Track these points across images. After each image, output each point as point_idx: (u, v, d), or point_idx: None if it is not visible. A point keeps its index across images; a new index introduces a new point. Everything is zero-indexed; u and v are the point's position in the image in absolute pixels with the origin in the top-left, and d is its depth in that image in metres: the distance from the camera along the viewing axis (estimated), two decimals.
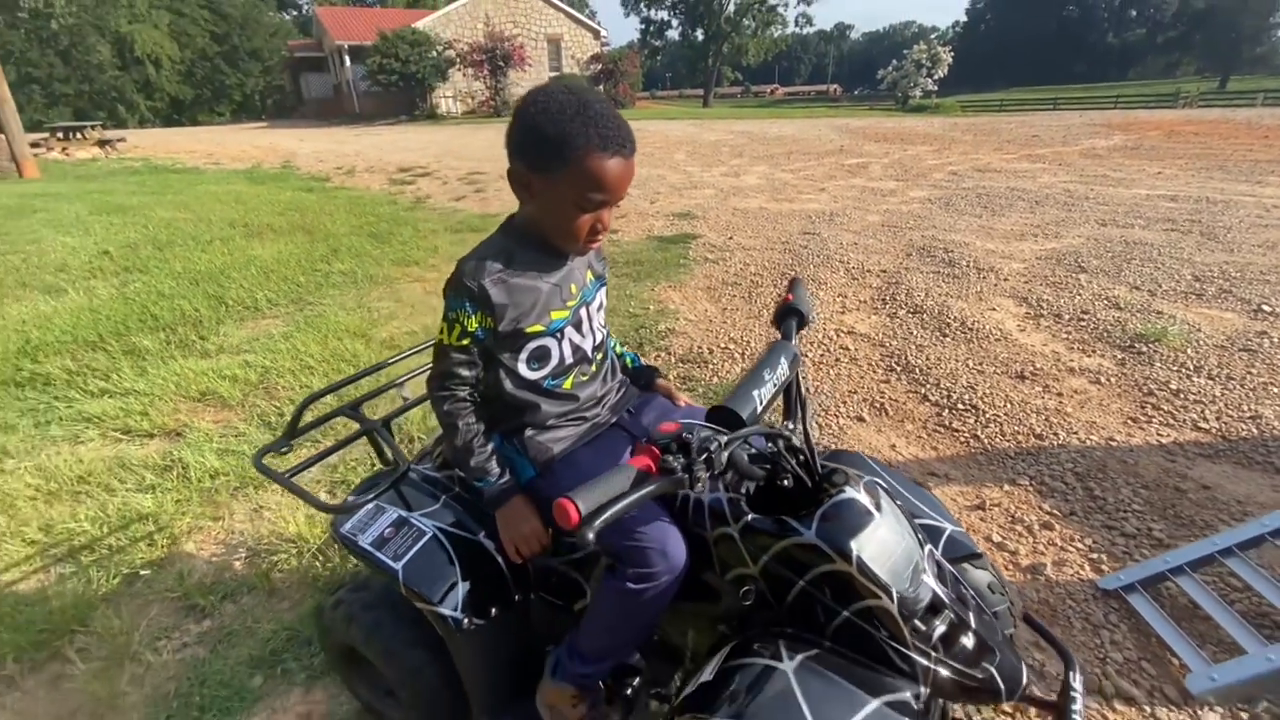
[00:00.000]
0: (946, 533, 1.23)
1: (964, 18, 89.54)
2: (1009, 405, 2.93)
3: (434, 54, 28.84)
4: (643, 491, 0.77)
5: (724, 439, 0.86)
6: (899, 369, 3.37)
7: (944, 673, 0.96)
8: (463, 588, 1.23)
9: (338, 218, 7.71)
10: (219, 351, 3.85)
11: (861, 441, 2.71)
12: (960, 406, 2.95)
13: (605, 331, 1.33)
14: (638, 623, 1.10)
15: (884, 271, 5.02)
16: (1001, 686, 0.98)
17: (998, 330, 3.77)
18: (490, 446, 1.20)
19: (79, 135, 18.52)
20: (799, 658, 0.95)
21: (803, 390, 1.17)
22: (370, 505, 1.33)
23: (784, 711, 0.88)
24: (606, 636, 1.13)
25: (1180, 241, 5.46)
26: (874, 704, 0.90)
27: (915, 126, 19.76)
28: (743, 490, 1.10)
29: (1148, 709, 1.53)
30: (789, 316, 1.26)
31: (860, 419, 2.91)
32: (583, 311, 1.23)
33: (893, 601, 0.94)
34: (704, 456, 0.82)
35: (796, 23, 54.07)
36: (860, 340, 3.76)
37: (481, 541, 1.31)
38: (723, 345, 3.74)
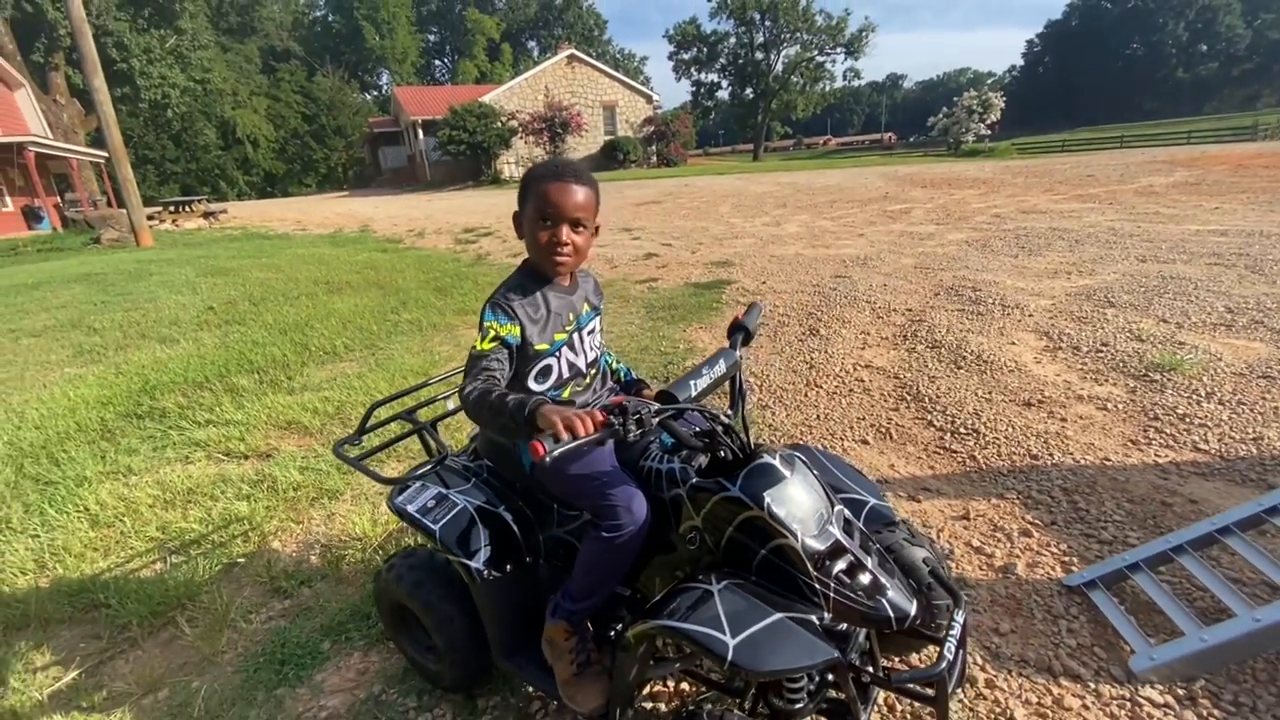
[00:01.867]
0: (869, 505, 1.50)
1: (1020, 61, 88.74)
2: (1010, 429, 3.09)
3: (499, 124, 31.06)
4: (589, 437, 1.10)
5: (654, 408, 1.20)
6: (909, 398, 3.57)
7: (842, 601, 1.23)
8: (486, 548, 1.58)
9: (407, 274, 8.50)
10: (303, 389, 4.42)
11: (861, 462, 2.92)
12: (962, 431, 3.12)
13: (599, 351, 1.68)
14: (611, 566, 1.41)
15: (909, 310, 5.21)
16: (890, 615, 1.23)
17: (1013, 362, 3.91)
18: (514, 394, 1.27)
19: (187, 208, 20.88)
20: (725, 583, 1.25)
21: (743, 386, 1.50)
22: (419, 484, 1.71)
23: (706, 615, 1.18)
24: (588, 577, 1.44)
25: (1221, 275, 5.42)
26: (777, 616, 1.18)
27: (965, 171, 19.75)
28: (695, 464, 1.42)
29: (1091, 685, 1.69)
30: (737, 331, 1.60)
31: (865, 442, 3.12)
32: (577, 336, 1.58)
33: (798, 541, 1.23)
34: (635, 417, 1.15)
35: (845, 77, 55.05)
36: (876, 373, 3.97)
37: (502, 514, 1.66)
38: (743, 378, 4.02)
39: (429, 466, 1.73)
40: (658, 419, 1.20)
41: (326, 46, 56.04)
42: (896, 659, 1.76)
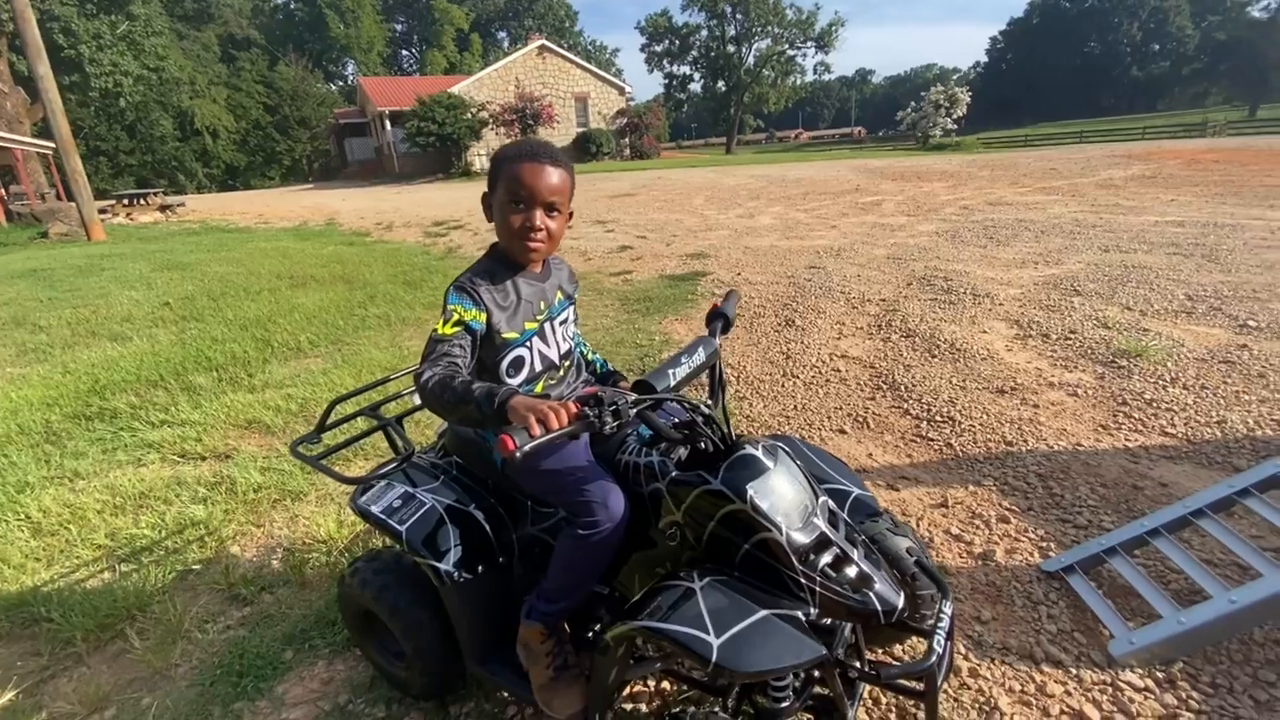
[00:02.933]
0: (853, 495, 1.46)
1: (984, 58, 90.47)
2: (985, 417, 3.10)
3: (468, 116, 30.51)
4: (562, 430, 1.04)
5: (631, 399, 1.13)
6: (885, 387, 3.57)
7: (829, 595, 1.18)
8: (456, 549, 1.50)
9: (375, 268, 8.28)
10: (264, 386, 4.25)
11: (840, 451, 2.90)
12: (938, 419, 3.13)
13: (572, 343, 1.61)
14: (588, 565, 1.35)
15: (883, 300, 5.23)
16: (878, 609, 1.19)
17: (985, 350, 3.94)
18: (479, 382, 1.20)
19: (142, 201, 20.08)
20: (707, 579, 1.19)
21: (723, 375, 1.44)
22: (384, 482, 1.62)
23: (688, 614, 1.12)
24: (564, 577, 1.37)
25: (1180, 264, 5.55)
26: (762, 613, 1.13)
27: (933, 164, 20.05)
28: (674, 457, 1.36)
29: (1073, 671, 1.68)
30: (716, 319, 1.54)
31: (842, 431, 3.11)
32: (548, 325, 1.50)
33: (782, 534, 1.18)
34: (612, 408, 1.08)
35: (815, 71, 55.47)
36: (852, 363, 3.97)
37: (473, 513, 1.58)
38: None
39: (394, 465, 1.64)
40: (635, 410, 1.13)
41: (289, 35, 54.38)
42: (879, 651, 1.73)
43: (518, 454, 0.98)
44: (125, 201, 19.92)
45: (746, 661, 1.06)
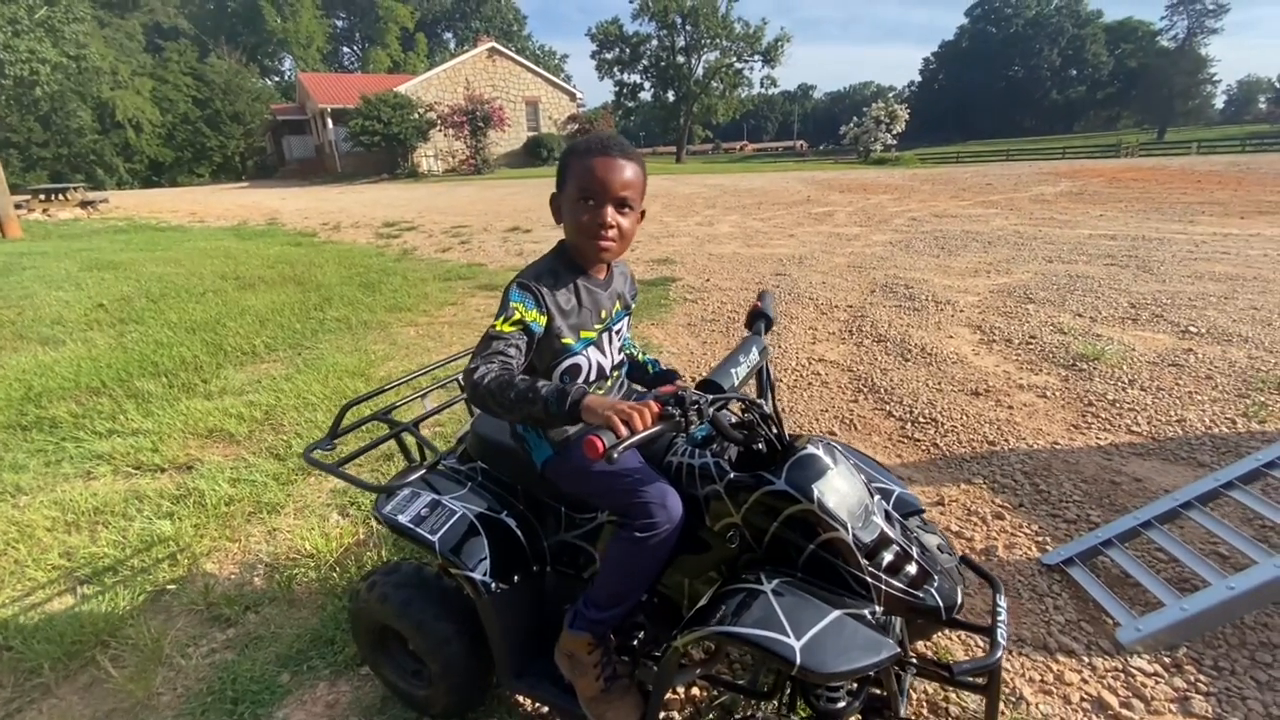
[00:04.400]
0: (896, 493, 1.48)
1: (918, 78, 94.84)
2: (965, 418, 3.22)
3: (415, 116, 29.81)
4: (650, 430, 1.01)
5: (710, 398, 1.11)
6: (866, 390, 3.66)
7: (892, 593, 1.19)
8: (490, 558, 1.44)
9: (327, 269, 7.95)
10: (222, 393, 4.01)
11: None
12: (922, 420, 3.23)
13: (625, 343, 1.56)
14: (643, 569, 1.31)
15: (850, 306, 5.38)
16: (940, 604, 1.21)
17: (955, 355, 4.10)
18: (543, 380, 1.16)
19: (60, 196, 18.72)
20: (776, 581, 1.18)
21: (770, 376, 1.44)
22: (407, 491, 1.54)
23: (764, 617, 1.10)
24: (617, 583, 1.33)
25: (1119, 274, 5.94)
26: (835, 614, 1.13)
27: (877, 178, 20.85)
28: (726, 457, 1.35)
29: (1085, 659, 1.75)
30: (758, 319, 1.54)
31: (831, 433, 3.17)
32: (605, 335, 1.44)
33: (848, 534, 1.18)
34: (695, 408, 1.06)
35: (761, 84, 56.75)
36: (830, 367, 4.06)
37: (504, 520, 1.52)
38: (704, 374, 4.00)
39: (418, 471, 1.56)
40: (713, 408, 1.12)
41: (221, 26, 51.81)
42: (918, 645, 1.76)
43: (612, 454, 0.94)
44: (42, 196, 18.54)
45: (830, 663, 1.05)
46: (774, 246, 8.65)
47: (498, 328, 1.24)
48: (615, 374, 1.52)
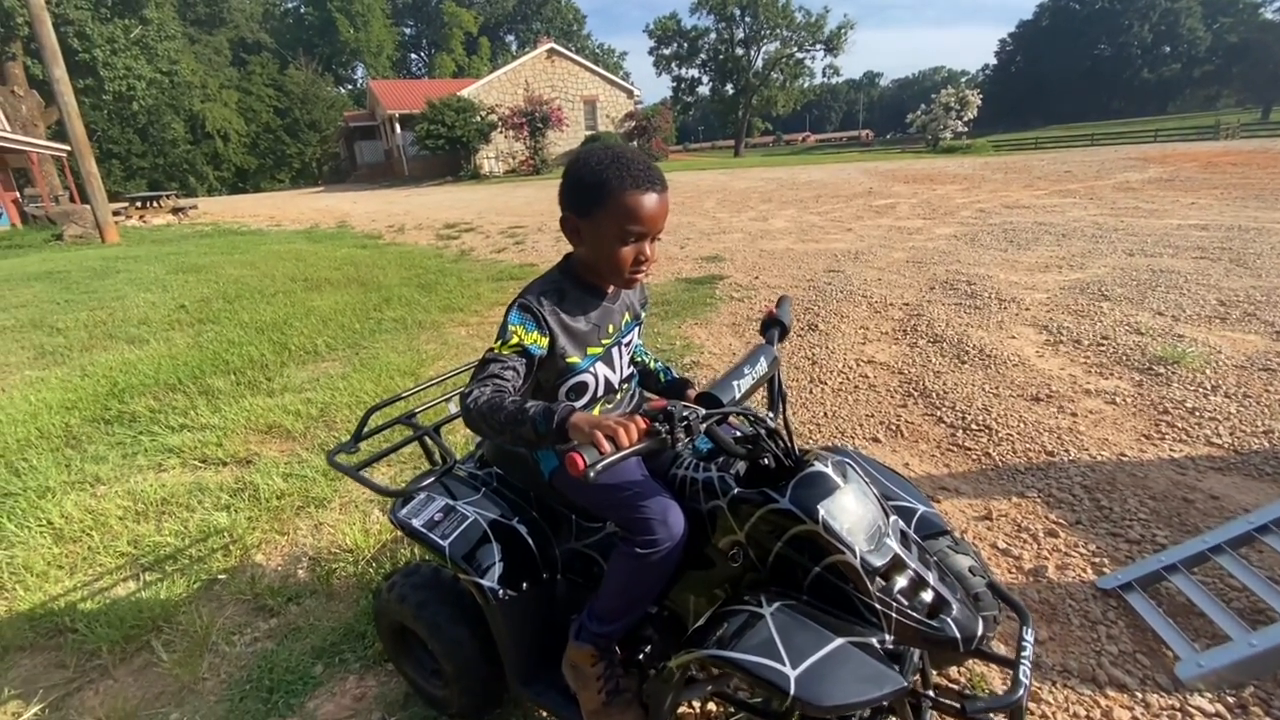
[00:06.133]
0: (919, 513, 1.39)
1: (992, 60, 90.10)
2: (1022, 425, 3.02)
3: (478, 119, 30.60)
4: (634, 448, 0.98)
5: (702, 413, 1.07)
6: (916, 394, 3.49)
7: (905, 621, 1.12)
8: (500, 565, 1.44)
9: (389, 271, 8.26)
10: (283, 390, 4.22)
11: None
12: (974, 427, 3.05)
13: (633, 368, 1.54)
14: (645, 585, 1.29)
15: (906, 304, 5.16)
16: (957, 636, 1.13)
17: (1016, 356, 3.86)
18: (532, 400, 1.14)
19: (155, 204, 20.22)
20: (777, 604, 1.13)
21: (783, 386, 1.38)
22: (423, 495, 1.56)
23: (760, 643, 1.06)
24: (619, 598, 1.31)
25: (1209, 269, 5.45)
26: (838, 641, 1.07)
27: (945, 167, 19.93)
28: (732, 471, 1.30)
29: (1139, 695, 1.61)
30: (772, 326, 1.48)
31: (876, 440, 3.04)
32: (614, 350, 1.42)
33: (855, 557, 1.11)
34: (684, 424, 1.02)
35: (824, 74, 55.41)
36: (880, 369, 3.90)
37: (516, 527, 1.52)
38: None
39: (434, 476, 1.58)
40: (704, 424, 1.08)
41: (299, 39, 54.79)
42: (938, 674, 1.66)
43: (590, 473, 0.92)
44: (138, 204, 20.07)
45: (827, 695, 1.00)
46: (830, 242, 8.40)
47: (495, 350, 1.22)
48: (625, 387, 1.49)
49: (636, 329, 1.51)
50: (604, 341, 1.38)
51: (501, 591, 1.42)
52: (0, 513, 2.91)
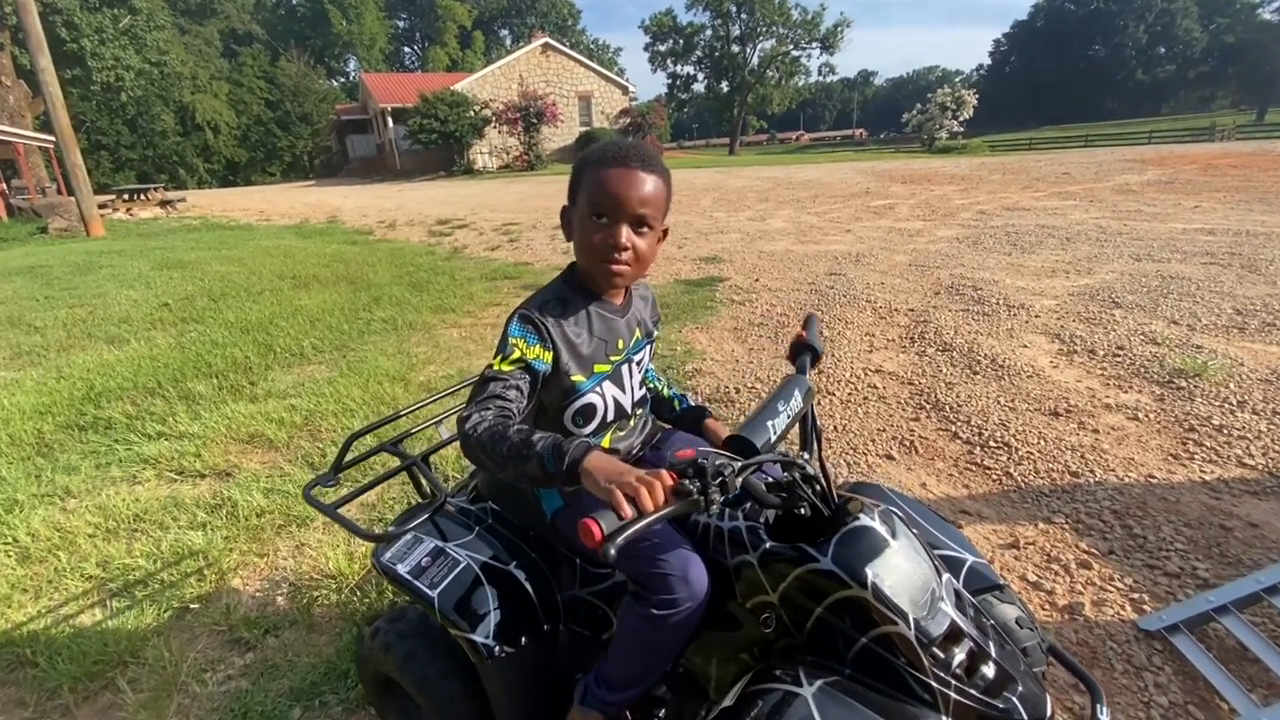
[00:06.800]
0: (968, 564, 1.24)
1: (987, 60, 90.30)
2: (1042, 442, 2.89)
3: (471, 113, 30.29)
4: (660, 513, 0.82)
5: (738, 464, 0.91)
6: (928, 407, 3.36)
7: (965, 702, 0.97)
8: (495, 616, 1.28)
9: (379, 268, 8.06)
10: (267, 396, 4.04)
11: (891, 479, 2.69)
12: (992, 444, 2.91)
13: (648, 374, 1.39)
14: (662, 649, 1.13)
15: (911, 310, 5.02)
16: (1025, 717, 0.98)
17: (1029, 367, 3.73)
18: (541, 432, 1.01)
19: (142, 196, 19.87)
20: (819, 683, 0.97)
21: (817, 422, 1.22)
22: (409, 535, 1.40)
23: None
24: (632, 663, 1.16)
25: (1220, 275, 5.35)
26: None
27: (942, 167, 19.85)
28: (761, 519, 1.15)
29: None
30: (803, 352, 1.32)
31: (889, 457, 2.90)
32: (624, 368, 1.28)
33: (910, 629, 0.96)
34: (718, 480, 0.87)
35: (819, 72, 55.29)
36: (888, 378, 3.76)
37: (513, 572, 1.36)
38: (749, 385, 3.78)
39: (422, 514, 1.42)
40: (741, 478, 0.92)
41: (291, 30, 54.15)
42: None
43: (610, 548, 0.76)
44: (125, 196, 19.72)
45: None
46: (829, 243, 8.27)
47: (495, 367, 1.09)
48: (638, 412, 1.34)
49: (648, 348, 1.36)
50: (612, 358, 1.24)
51: (497, 648, 1.26)
52: None
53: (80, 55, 30.68)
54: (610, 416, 1.26)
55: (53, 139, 14.77)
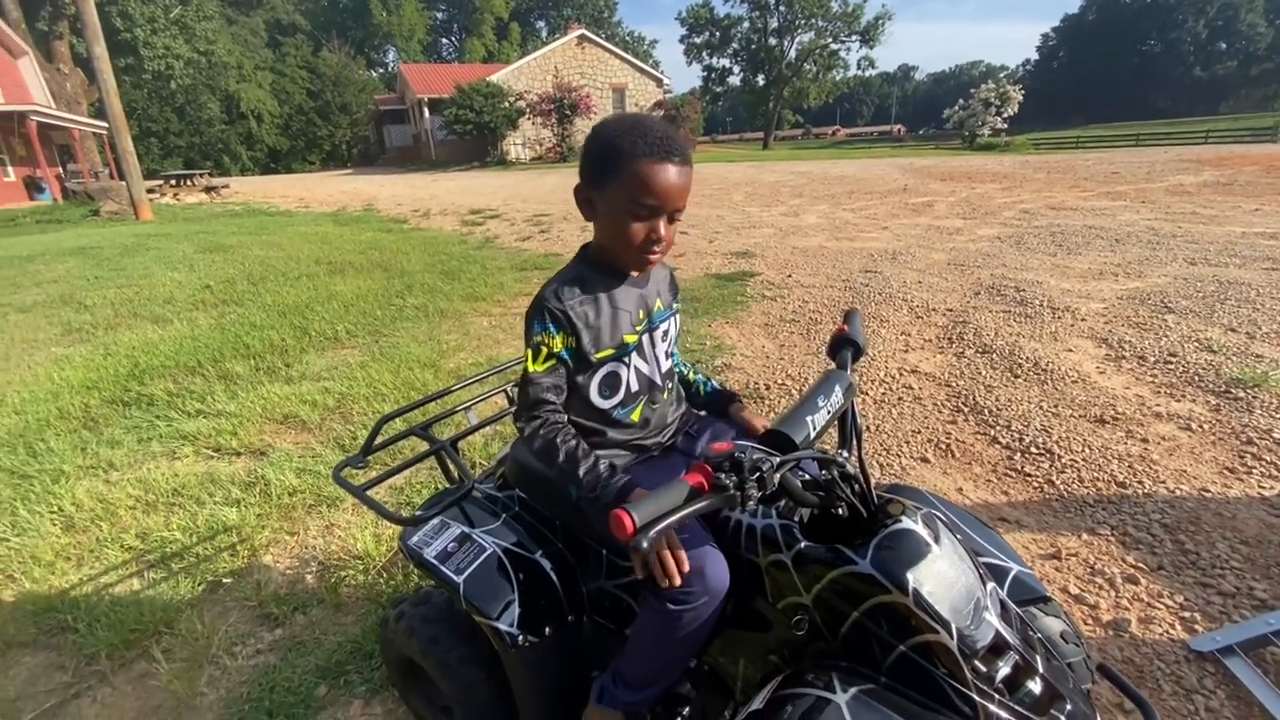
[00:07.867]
0: (1012, 573, 1.18)
1: (1034, 55, 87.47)
2: (1087, 451, 2.77)
3: (506, 104, 30.47)
4: (695, 506, 0.79)
5: (776, 460, 0.88)
6: (966, 409, 3.25)
7: (1008, 717, 0.92)
8: (519, 605, 1.27)
9: (412, 256, 8.16)
10: (301, 378, 4.11)
11: (926, 483, 2.61)
12: (1034, 450, 2.81)
13: (674, 360, 1.37)
14: (679, 647, 1.10)
15: (950, 310, 4.88)
16: None
17: (1074, 372, 3.59)
18: (595, 455, 1.13)
19: (189, 182, 20.48)
20: (853, 690, 0.93)
21: (858, 419, 1.18)
22: (436, 520, 1.40)
23: None
24: (648, 661, 1.13)
25: None
26: None
27: (984, 165, 19.31)
28: (796, 517, 1.10)
29: None
30: (844, 347, 1.27)
31: (924, 459, 2.81)
32: (647, 338, 1.26)
33: (952, 638, 0.91)
34: (755, 476, 0.83)
35: (859, 66, 54.10)
36: (925, 379, 3.66)
37: (539, 561, 1.35)
38: (779, 381, 3.71)
39: (449, 499, 1.42)
40: (779, 474, 0.88)
41: (333, 21, 55.10)
42: None
43: (641, 540, 0.74)
44: (173, 182, 20.35)
45: None
46: (865, 240, 8.10)
47: (531, 369, 1.14)
48: (669, 384, 1.34)
49: (671, 319, 1.34)
50: (637, 328, 1.24)
51: (521, 636, 1.24)
52: (15, 497, 2.84)
53: (133, 44, 31.69)
54: (636, 387, 1.26)
55: (106, 125, 15.30)
